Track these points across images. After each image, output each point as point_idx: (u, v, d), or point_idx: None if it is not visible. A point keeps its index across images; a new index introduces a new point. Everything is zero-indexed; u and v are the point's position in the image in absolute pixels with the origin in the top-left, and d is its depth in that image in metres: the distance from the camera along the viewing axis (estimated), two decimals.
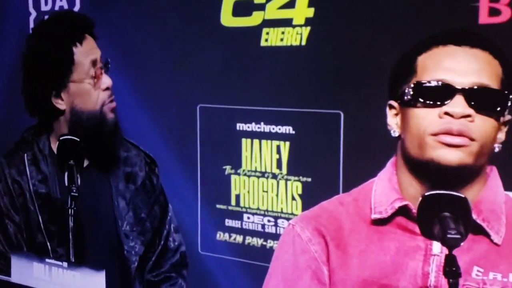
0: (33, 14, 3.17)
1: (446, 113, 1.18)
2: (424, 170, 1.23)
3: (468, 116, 1.17)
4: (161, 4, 2.76)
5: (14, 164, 1.83)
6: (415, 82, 1.24)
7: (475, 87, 1.18)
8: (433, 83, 1.21)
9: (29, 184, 1.81)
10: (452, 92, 1.19)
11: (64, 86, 1.78)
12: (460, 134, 1.17)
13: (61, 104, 1.80)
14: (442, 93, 1.19)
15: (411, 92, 1.23)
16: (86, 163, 1.84)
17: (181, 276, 2.03)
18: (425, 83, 1.22)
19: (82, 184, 1.68)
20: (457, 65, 1.20)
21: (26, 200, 1.81)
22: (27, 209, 1.81)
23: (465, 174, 1.21)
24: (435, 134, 1.19)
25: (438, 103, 1.19)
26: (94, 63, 1.79)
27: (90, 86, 1.79)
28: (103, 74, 1.82)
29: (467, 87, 1.18)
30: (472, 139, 1.17)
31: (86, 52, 1.79)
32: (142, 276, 1.94)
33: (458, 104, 1.18)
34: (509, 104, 1.20)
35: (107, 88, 1.82)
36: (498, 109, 1.19)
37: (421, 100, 1.22)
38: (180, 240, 2.04)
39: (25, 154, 1.83)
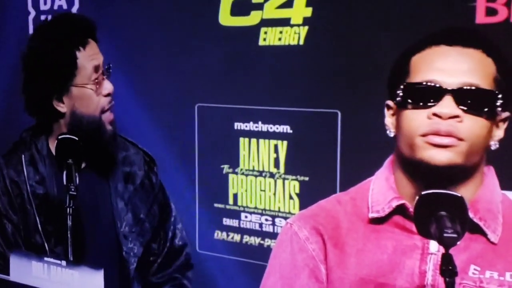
0: (32, 13, 3.16)
1: (435, 114, 1.19)
2: (416, 170, 1.24)
3: (456, 116, 1.18)
4: (160, 4, 2.77)
5: (12, 164, 1.83)
6: (405, 84, 1.25)
7: (464, 87, 1.19)
8: (422, 84, 1.22)
9: (26, 185, 1.81)
10: (441, 93, 1.19)
11: (66, 89, 1.78)
12: (448, 135, 1.18)
13: (62, 107, 1.80)
14: (431, 94, 1.20)
15: (401, 94, 1.24)
16: (83, 164, 1.84)
17: (185, 277, 2.02)
18: (414, 84, 1.23)
19: (80, 185, 1.68)
20: (448, 66, 1.21)
21: (24, 201, 1.80)
22: (25, 209, 1.80)
23: (456, 174, 1.21)
24: (424, 135, 1.20)
25: (428, 104, 1.20)
26: (96, 68, 1.79)
27: (92, 91, 1.78)
28: (104, 80, 1.82)
29: (456, 88, 1.19)
30: (460, 139, 1.18)
31: (89, 57, 1.78)
32: (141, 277, 1.94)
33: (446, 105, 1.18)
34: (498, 103, 1.20)
35: (108, 94, 1.81)
36: (488, 108, 1.19)
37: (410, 101, 1.23)
38: (184, 241, 2.04)
39: (23, 155, 1.83)
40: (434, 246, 1.23)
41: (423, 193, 1.12)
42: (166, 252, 1.98)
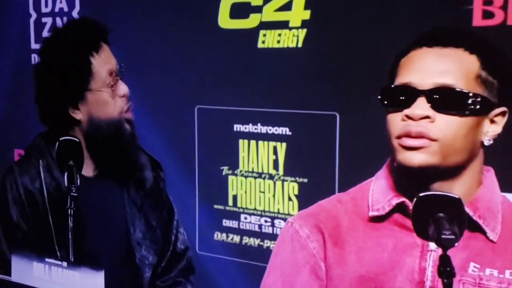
0: (34, 15, 3.17)
1: (407, 116, 1.21)
2: (399, 171, 1.26)
3: (427, 117, 1.19)
4: (160, 6, 2.77)
5: (27, 172, 1.80)
6: (383, 87, 1.27)
7: (436, 88, 1.20)
8: (397, 87, 1.24)
9: (43, 191, 1.78)
10: (414, 94, 1.21)
11: (82, 96, 1.76)
12: (418, 136, 1.19)
13: (77, 114, 1.78)
14: (405, 96, 1.22)
15: (380, 97, 1.27)
16: (95, 172, 1.84)
17: (189, 282, 2.01)
18: (390, 87, 1.26)
19: (93, 190, 1.68)
20: (424, 67, 1.22)
21: (38, 209, 1.77)
22: (39, 217, 1.77)
23: (434, 174, 1.22)
24: (398, 137, 1.22)
25: (402, 106, 1.22)
26: (110, 72, 1.78)
27: (107, 95, 1.77)
28: (119, 81, 1.81)
29: (428, 89, 1.20)
30: (433, 140, 1.19)
31: (103, 61, 1.77)
32: (154, 285, 1.93)
33: (418, 106, 1.20)
34: (470, 101, 1.19)
35: (123, 95, 1.80)
36: (462, 107, 1.19)
37: (388, 104, 1.25)
38: (186, 244, 2.03)
39: (40, 161, 1.80)
40: (433, 243, 1.24)
41: (420, 194, 1.12)
42: (169, 256, 1.97)
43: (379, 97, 1.26)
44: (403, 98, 1.22)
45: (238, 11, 2.55)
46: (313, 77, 2.41)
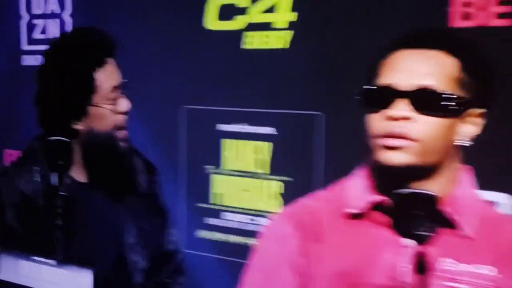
0: (25, 17, 3.18)
1: (388, 117, 1.23)
2: (378, 169, 1.29)
3: (408, 118, 1.21)
4: (147, 8, 2.79)
5: (23, 176, 1.80)
6: (362, 88, 1.29)
7: (418, 89, 1.22)
8: (377, 88, 1.26)
9: (38, 196, 1.77)
10: (395, 95, 1.23)
11: (83, 110, 1.76)
12: (399, 136, 1.21)
13: (77, 125, 1.78)
14: (386, 97, 1.24)
15: (359, 98, 1.29)
16: (89, 178, 1.84)
17: (177, 283, 2.02)
18: (370, 88, 1.28)
19: (86, 195, 1.70)
20: (405, 69, 1.24)
21: (34, 213, 1.77)
22: (34, 221, 1.77)
23: (415, 173, 1.24)
24: (379, 137, 1.24)
25: (383, 107, 1.24)
26: (114, 87, 1.77)
27: (108, 110, 1.76)
28: (122, 98, 1.80)
29: (409, 90, 1.22)
30: (414, 140, 1.21)
31: (107, 77, 1.76)
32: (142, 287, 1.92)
33: (399, 107, 1.22)
34: (453, 102, 1.21)
35: (125, 112, 1.80)
36: (443, 108, 1.21)
37: (368, 104, 1.27)
38: (176, 246, 2.03)
39: (36, 168, 1.79)
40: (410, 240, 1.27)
41: (397, 192, 1.14)
42: (158, 257, 1.97)
43: (359, 97, 1.28)
44: (385, 99, 1.24)
45: (225, 13, 2.56)
46: (300, 78, 2.43)
